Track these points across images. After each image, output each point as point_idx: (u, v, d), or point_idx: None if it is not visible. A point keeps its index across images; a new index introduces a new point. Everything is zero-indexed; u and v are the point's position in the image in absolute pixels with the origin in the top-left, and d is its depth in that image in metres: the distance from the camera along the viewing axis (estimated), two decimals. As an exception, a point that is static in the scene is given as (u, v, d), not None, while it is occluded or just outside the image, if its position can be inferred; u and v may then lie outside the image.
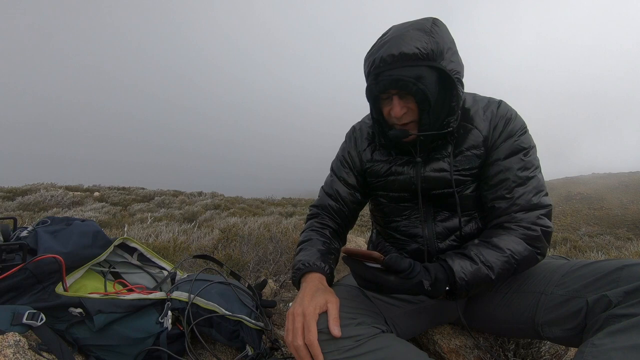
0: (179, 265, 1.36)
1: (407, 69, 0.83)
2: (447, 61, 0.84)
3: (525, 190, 0.89)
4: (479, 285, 0.82)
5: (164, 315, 0.98)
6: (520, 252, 0.84)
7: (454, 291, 0.81)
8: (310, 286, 0.85)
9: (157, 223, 5.21)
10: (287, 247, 2.78)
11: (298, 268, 0.93)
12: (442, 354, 1.06)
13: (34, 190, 8.53)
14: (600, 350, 0.61)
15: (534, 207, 0.88)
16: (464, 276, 0.80)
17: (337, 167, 1.16)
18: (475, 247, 0.85)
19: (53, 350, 0.81)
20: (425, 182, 0.97)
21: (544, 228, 0.86)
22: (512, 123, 0.93)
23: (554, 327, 0.80)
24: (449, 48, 0.86)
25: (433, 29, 0.84)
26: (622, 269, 0.72)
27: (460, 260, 0.82)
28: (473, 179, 0.96)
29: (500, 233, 0.88)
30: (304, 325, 0.76)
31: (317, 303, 0.79)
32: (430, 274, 0.79)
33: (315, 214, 1.16)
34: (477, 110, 0.96)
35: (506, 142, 0.92)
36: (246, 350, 1.04)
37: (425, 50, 0.81)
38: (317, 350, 0.73)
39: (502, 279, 0.84)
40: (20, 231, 1.02)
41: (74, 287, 0.99)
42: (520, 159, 0.91)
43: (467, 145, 0.94)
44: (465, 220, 0.98)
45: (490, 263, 0.82)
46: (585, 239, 8.57)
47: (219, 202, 9.85)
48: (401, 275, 0.76)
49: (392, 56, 0.83)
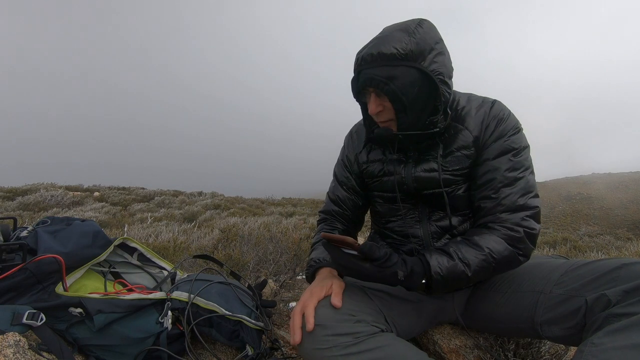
0: (179, 265, 1.36)
1: (381, 68, 0.85)
2: (428, 61, 0.85)
3: (512, 191, 0.89)
4: (455, 281, 0.84)
5: (164, 315, 0.98)
6: (499, 252, 0.85)
7: (430, 285, 0.84)
8: (321, 277, 0.94)
9: (157, 223, 5.21)
10: (287, 247, 2.78)
11: (311, 265, 1.02)
12: (442, 354, 1.06)
13: (34, 190, 8.53)
14: (600, 350, 0.61)
15: (519, 208, 0.88)
16: (439, 271, 0.82)
17: (338, 172, 1.19)
18: (456, 244, 0.87)
19: (53, 350, 0.81)
20: (416, 182, 0.98)
21: (527, 229, 0.87)
22: (504, 123, 0.93)
23: (554, 326, 0.80)
24: (432, 48, 0.86)
25: (416, 29, 0.85)
26: (621, 267, 0.73)
27: (438, 255, 0.84)
28: (464, 179, 0.97)
29: (483, 232, 0.89)
30: (309, 298, 0.84)
31: (324, 284, 0.88)
32: (407, 266, 0.82)
33: (323, 219, 1.22)
34: (469, 111, 0.96)
35: (497, 142, 0.93)
36: (246, 350, 1.05)
37: (403, 51, 0.83)
38: (309, 311, 0.81)
39: (479, 277, 0.86)
40: (20, 231, 1.02)
41: (74, 287, 0.99)
42: (509, 160, 0.91)
43: (457, 146, 0.95)
44: (459, 220, 0.99)
45: (467, 260, 0.84)
46: (585, 239, 8.57)
47: (219, 202, 9.85)
48: (376, 263, 0.79)
49: (371, 55, 0.86)
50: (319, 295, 0.85)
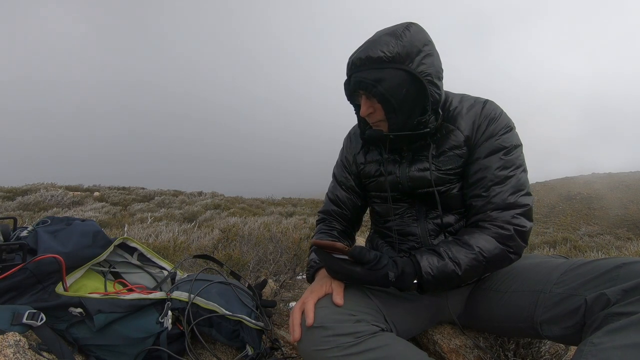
0: (179, 265, 1.36)
1: (370, 71, 0.87)
2: (416, 63, 0.87)
3: (502, 190, 0.90)
4: (446, 280, 0.85)
5: (164, 315, 0.99)
6: (490, 251, 0.86)
7: (421, 285, 0.85)
8: (321, 276, 0.95)
9: (157, 223, 5.21)
10: (287, 247, 2.78)
11: (311, 266, 1.03)
12: (442, 353, 1.06)
13: (34, 190, 8.53)
14: (599, 349, 0.61)
15: (510, 206, 0.89)
16: (430, 271, 0.84)
17: (337, 173, 1.21)
18: (446, 244, 0.89)
19: (53, 350, 0.81)
20: (410, 181, 1.00)
21: (517, 227, 0.88)
22: (496, 122, 0.94)
23: (553, 326, 0.80)
24: (420, 50, 0.88)
25: (404, 33, 0.87)
26: (620, 267, 0.73)
27: (429, 255, 0.86)
28: (457, 179, 0.98)
29: (473, 231, 0.90)
30: (309, 295, 0.85)
31: (323, 283, 0.89)
32: (398, 267, 0.83)
33: (322, 219, 1.23)
34: (461, 111, 0.98)
35: (488, 141, 0.94)
36: (246, 350, 1.05)
37: (390, 54, 0.85)
38: (309, 307, 0.82)
39: (470, 276, 0.87)
40: (20, 231, 1.02)
41: (74, 287, 0.99)
42: (499, 158, 0.92)
43: (449, 146, 0.97)
44: (456, 218, 1.00)
45: (457, 259, 0.85)
46: (585, 239, 8.57)
47: (219, 202, 9.85)
48: (367, 266, 0.81)
49: (360, 59, 0.88)
50: (319, 293, 0.86)
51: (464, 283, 0.96)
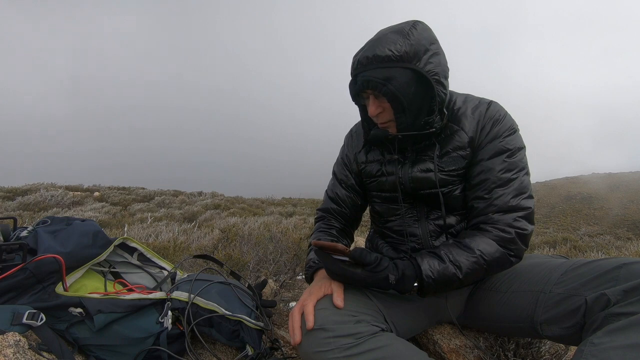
0: (179, 265, 1.36)
1: (378, 70, 0.86)
2: (423, 62, 0.86)
3: (505, 192, 0.89)
4: (446, 283, 0.84)
5: (164, 315, 0.98)
6: (490, 254, 0.86)
7: (422, 288, 0.84)
8: (319, 277, 0.95)
9: (157, 223, 5.21)
10: (287, 247, 2.78)
11: (310, 266, 1.02)
12: (442, 353, 1.06)
13: (34, 190, 8.53)
14: (599, 349, 0.61)
15: (512, 209, 0.88)
16: (430, 274, 0.83)
17: (338, 170, 1.20)
18: (447, 247, 0.88)
19: (53, 350, 0.81)
20: (413, 182, 0.99)
21: (518, 230, 0.87)
22: (500, 124, 0.93)
23: (553, 326, 0.80)
24: (427, 49, 0.87)
25: (411, 31, 0.86)
26: (620, 267, 0.73)
27: (430, 258, 0.85)
28: (460, 180, 0.97)
29: (474, 234, 0.89)
30: (307, 297, 0.84)
31: (322, 284, 0.88)
32: (398, 269, 0.83)
33: (321, 217, 1.22)
34: (465, 111, 0.97)
35: (491, 143, 0.93)
36: (246, 350, 1.05)
37: (398, 53, 0.84)
38: (309, 310, 0.81)
39: (471, 279, 0.87)
40: (20, 231, 1.02)
41: (74, 287, 0.99)
42: (503, 160, 0.91)
43: (453, 146, 0.96)
44: (457, 219, 0.99)
45: (458, 262, 0.84)
46: (585, 239, 8.57)
47: (219, 202, 9.85)
48: (368, 268, 0.80)
49: (366, 58, 0.86)
50: (317, 295, 0.85)
51: (464, 286, 0.96)
